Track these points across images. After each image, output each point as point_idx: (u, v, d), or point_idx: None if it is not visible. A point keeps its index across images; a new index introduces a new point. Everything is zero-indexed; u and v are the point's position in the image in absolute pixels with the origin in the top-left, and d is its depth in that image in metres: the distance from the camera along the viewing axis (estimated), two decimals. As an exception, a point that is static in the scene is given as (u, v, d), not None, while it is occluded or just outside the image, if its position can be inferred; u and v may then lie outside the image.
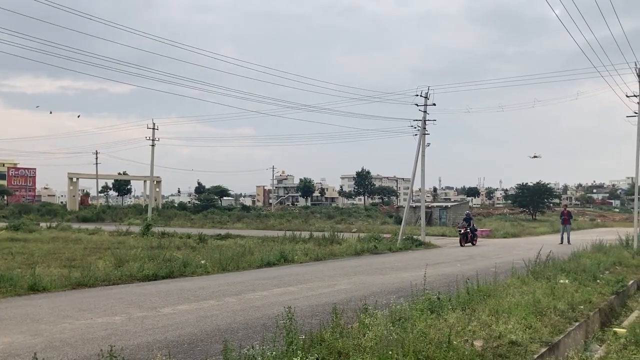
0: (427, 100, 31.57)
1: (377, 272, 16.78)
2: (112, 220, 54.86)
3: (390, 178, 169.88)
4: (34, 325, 8.82)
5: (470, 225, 30.35)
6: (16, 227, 34.07)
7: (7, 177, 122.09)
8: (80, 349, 7.32)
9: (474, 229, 30.77)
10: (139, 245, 22.72)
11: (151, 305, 10.66)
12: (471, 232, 30.22)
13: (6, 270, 14.06)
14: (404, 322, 7.74)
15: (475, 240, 30.38)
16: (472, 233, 30.27)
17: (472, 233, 30.31)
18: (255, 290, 12.82)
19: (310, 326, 7.80)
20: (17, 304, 10.90)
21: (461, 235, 29.85)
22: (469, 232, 30.01)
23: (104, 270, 14.83)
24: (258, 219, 58.31)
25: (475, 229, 31.38)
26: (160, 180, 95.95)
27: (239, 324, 8.98)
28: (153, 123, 53.95)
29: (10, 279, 12.62)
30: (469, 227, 30.14)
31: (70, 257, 18.76)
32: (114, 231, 33.73)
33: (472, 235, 30.22)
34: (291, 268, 18.13)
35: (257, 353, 5.97)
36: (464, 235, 29.78)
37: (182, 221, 53.73)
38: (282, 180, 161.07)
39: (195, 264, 16.85)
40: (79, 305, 10.69)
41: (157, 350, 6.91)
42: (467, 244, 29.58)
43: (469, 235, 30.02)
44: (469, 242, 29.86)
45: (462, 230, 30.09)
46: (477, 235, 31.00)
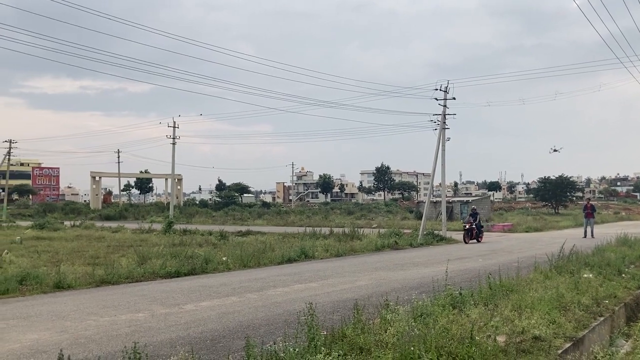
0: (447, 94, 31.33)
1: (398, 268, 16.72)
2: (135, 218, 55.52)
3: (410, 173, 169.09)
4: (59, 322, 8.96)
5: (476, 221, 28.66)
6: (41, 226, 34.70)
7: (32, 176, 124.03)
8: (104, 345, 7.42)
9: (479, 225, 29.03)
10: (161, 243, 22.96)
11: (174, 302, 10.76)
12: (477, 228, 28.54)
13: (32, 268, 14.32)
14: (426, 317, 7.71)
15: (480, 237, 28.65)
16: (477, 229, 28.57)
17: (478, 229, 28.63)
18: (277, 286, 12.87)
19: (332, 322, 7.81)
20: (43, 301, 11.09)
21: (465, 231, 28.21)
22: (474, 228, 28.32)
23: (127, 268, 15.00)
24: (278, 216, 58.51)
25: (482, 225, 29.75)
26: (181, 178, 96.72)
27: (261, 320, 9.02)
28: (174, 122, 54.42)
29: (36, 277, 12.85)
30: (474, 223, 28.46)
31: (94, 255, 19.01)
32: (136, 229, 34.13)
33: (477, 232, 28.50)
34: (312, 264, 18.16)
35: (279, 349, 5.99)
36: (468, 231, 28.10)
37: (204, 218, 54.20)
38: (302, 177, 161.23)
39: (216, 261, 16.97)
40: (103, 302, 10.83)
41: (180, 346, 6.98)
42: (471, 240, 27.92)
43: (474, 232, 28.32)
44: (474, 238, 28.14)
45: (466, 226, 28.42)
46: (482, 231, 29.39)
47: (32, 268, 14.36)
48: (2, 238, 26.67)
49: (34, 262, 16.39)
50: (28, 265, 15.47)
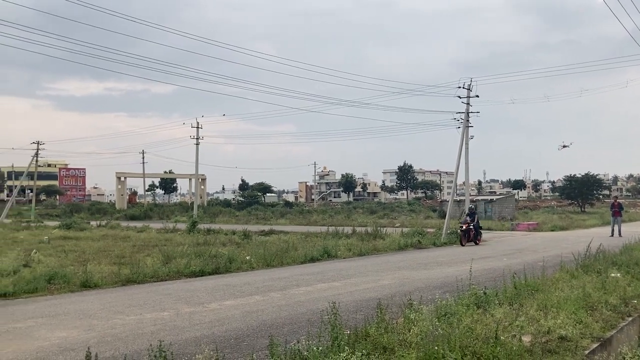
0: (470, 92, 31.07)
1: (421, 267, 16.64)
2: (159, 218, 56.12)
3: (434, 172, 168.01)
4: (86, 320, 9.11)
5: (474, 221, 26.36)
6: (68, 226, 35.27)
7: (59, 177, 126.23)
8: (131, 343, 7.52)
9: (477, 225, 26.77)
10: (185, 242, 23.17)
11: (198, 301, 10.86)
12: (474, 229, 26.27)
13: (60, 267, 14.58)
14: (450, 317, 7.67)
15: (479, 239, 26.54)
16: (475, 230, 26.31)
17: (476, 230, 26.38)
18: (300, 285, 12.90)
19: (355, 321, 7.81)
20: (71, 300, 11.28)
21: (462, 232, 25.94)
22: (472, 229, 26.03)
23: (152, 267, 15.18)
24: (301, 215, 58.60)
25: (480, 226, 27.59)
26: (205, 178, 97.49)
27: (284, 319, 9.05)
28: (197, 122, 54.83)
29: (64, 276, 13.08)
30: (472, 224, 26.16)
31: (120, 254, 19.27)
32: (161, 229, 34.50)
33: (475, 233, 26.22)
34: (334, 263, 18.16)
35: (302, 348, 6.01)
36: (465, 233, 25.82)
37: (227, 218, 54.53)
38: (324, 176, 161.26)
39: (240, 260, 17.08)
40: (129, 301, 10.98)
41: (205, 345, 7.03)
42: (468, 243, 25.77)
43: (472, 233, 26.02)
44: (472, 240, 25.99)
45: (463, 227, 26.07)
46: (481, 232, 27.33)
47: (59, 267, 14.62)
48: (30, 238, 27.19)
49: (61, 262, 16.68)
50: (56, 264, 15.75)
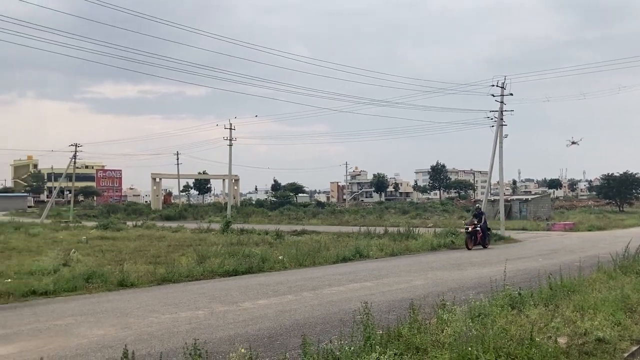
0: (504, 90, 30.66)
1: (454, 268, 16.49)
2: (194, 218, 56.83)
3: (467, 171, 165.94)
4: (123, 318, 9.31)
5: (481, 222, 24.21)
6: (105, 226, 36.01)
7: (96, 178, 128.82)
8: (166, 341, 7.66)
9: (485, 227, 24.57)
10: (219, 242, 23.43)
11: (232, 300, 10.98)
12: (482, 231, 24.09)
13: (97, 267, 14.91)
14: (484, 318, 7.59)
15: (487, 242, 24.49)
16: (483, 232, 24.16)
17: (483, 232, 24.19)
18: (332, 285, 12.93)
19: (388, 321, 7.80)
20: (108, 298, 11.54)
21: (467, 234, 23.75)
22: (479, 231, 23.94)
23: (187, 267, 15.40)
24: (333, 215, 58.61)
25: (489, 228, 25.41)
26: (238, 178, 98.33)
27: (317, 319, 9.09)
28: (230, 123, 55.35)
29: (101, 275, 13.38)
30: (479, 225, 24.07)
31: (155, 254, 19.59)
32: (195, 229, 34.94)
33: (482, 235, 24.10)
34: (366, 263, 18.14)
35: (335, 348, 6.04)
36: (471, 235, 23.67)
37: (260, 218, 54.89)
38: (356, 176, 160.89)
39: (273, 260, 17.20)
40: (164, 300, 11.17)
41: (239, 343, 7.12)
42: (475, 246, 23.71)
43: (479, 235, 23.97)
44: (479, 244, 23.91)
45: (469, 228, 23.89)
46: (489, 234, 25.29)
47: (97, 267, 14.94)
48: (69, 238, 27.86)
49: (99, 261, 17.05)
50: (94, 264, 16.10)
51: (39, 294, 11.76)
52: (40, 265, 14.85)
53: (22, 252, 20.50)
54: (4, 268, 15.29)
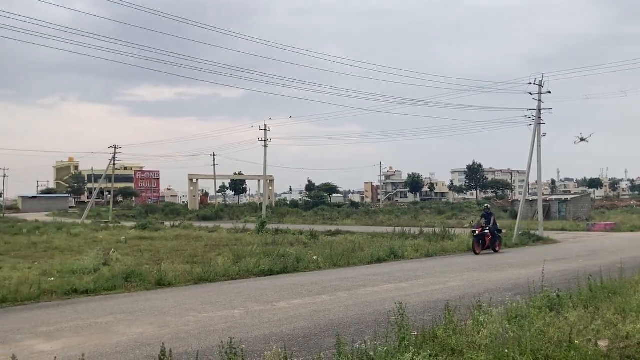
0: (542, 88, 30.06)
1: (491, 269, 16.27)
2: (230, 218, 57.44)
3: (504, 171, 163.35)
4: (161, 317, 9.49)
5: (490, 224, 21.98)
6: (143, 226, 36.70)
7: (135, 179, 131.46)
8: (203, 340, 7.77)
9: (495, 229, 22.35)
10: (254, 242, 23.62)
11: (267, 300, 11.07)
12: (491, 234, 21.87)
13: (136, 266, 15.20)
14: (521, 320, 7.47)
15: (498, 246, 22.33)
16: (492, 235, 21.93)
17: (493, 235, 21.97)
18: (366, 285, 12.91)
19: (423, 322, 7.74)
20: (146, 297, 11.76)
21: (475, 237, 21.63)
22: (488, 234, 21.76)
23: (223, 266, 15.58)
24: (367, 215, 58.46)
25: (500, 230, 23.16)
26: (273, 179, 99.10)
27: (351, 319, 9.10)
28: (265, 125, 55.76)
29: (140, 275, 13.64)
30: (487, 227, 21.84)
31: (192, 253, 19.88)
32: (231, 229, 35.31)
33: (492, 239, 21.93)
34: (401, 264, 18.04)
35: (369, 348, 6.03)
36: (479, 239, 21.54)
37: (294, 218, 55.15)
38: (390, 176, 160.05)
39: (307, 260, 17.26)
40: (201, 299, 11.33)
41: (274, 342, 7.17)
42: (484, 250, 21.62)
43: (488, 239, 21.76)
44: (488, 247, 21.81)
45: (476, 231, 21.74)
46: (500, 237, 22.99)
47: (136, 266, 15.24)
48: (109, 238, 28.49)
49: (137, 261, 17.39)
50: (132, 263, 16.43)
51: (80, 292, 12.06)
52: (81, 265, 15.23)
53: (64, 252, 21.08)
54: (48, 267, 15.76)
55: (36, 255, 20.10)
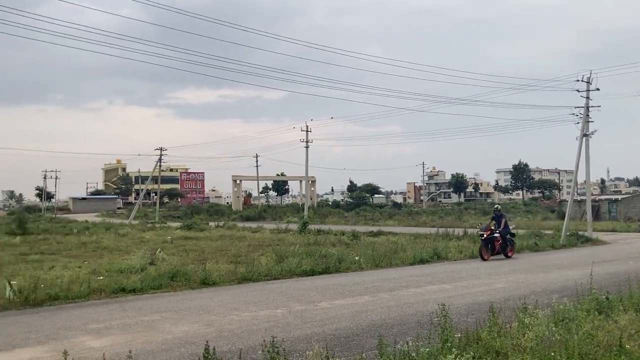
0: (590, 85, 29.23)
1: (537, 271, 15.92)
2: (272, 218, 57.90)
3: (551, 170, 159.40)
4: (205, 316, 9.65)
5: (500, 227, 19.87)
6: (189, 227, 37.39)
7: (180, 181, 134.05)
8: (246, 339, 7.87)
9: (507, 232, 20.14)
10: (297, 242, 23.76)
11: (309, 300, 11.12)
12: (502, 238, 19.73)
13: (181, 266, 15.50)
14: (568, 322, 7.29)
15: (510, 251, 20.10)
16: (503, 239, 19.77)
17: (504, 239, 19.80)
18: (409, 287, 12.82)
19: (466, 324, 7.65)
20: (191, 296, 11.97)
21: (482, 241, 19.43)
22: (497, 238, 19.60)
23: (266, 266, 15.74)
24: (409, 216, 58.02)
25: (513, 233, 20.86)
26: (314, 179, 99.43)
27: (393, 320, 9.05)
28: (306, 126, 56.09)
29: (185, 274, 13.89)
30: (498, 230, 19.77)
31: (236, 253, 20.13)
32: (274, 229, 35.60)
33: (503, 243, 19.76)
34: (444, 265, 17.83)
35: (411, 349, 5.99)
36: (487, 243, 19.37)
37: (336, 219, 55.18)
38: (433, 177, 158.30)
39: (349, 260, 17.25)
40: (244, 298, 11.47)
41: (315, 342, 7.20)
42: (494, 256, 19.50)
43: (498, 243, 19.59)
44: (498, 253, 19.66)
45: (484, 235, 19.44)
46: (513, 241, 20.73)
47: (181, 266, 15.53)
48: (155, 238, 29.14)
49: (183, 260, 17.73)
50: (178, 263, 16.76)
51: (127, 291, 12.36)
52: (128, 264, 15.63)
53: (112, 252, 21.68)
54: (97, 266, 16.25)
55: (86, 254, 20.74)
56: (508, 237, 20.10)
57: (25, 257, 19.50)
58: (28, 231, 33.08)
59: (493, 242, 19.45)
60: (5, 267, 16.48)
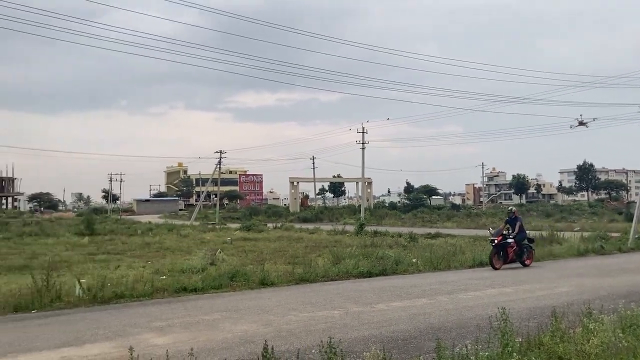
0: (660, 81, 27.90)
1: (603, 275, 15.34)
2: (329, 220, 58.12)
3: (619, 171, 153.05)
4: (264, 315, 9.80)
5: (515, 232, 17.56)
6: (248, 228, 38.07)
7: (239, 183, 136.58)
8: (304, 339, 7.96)
9: (523, 237, 17.84)
10: (353, 244, 23.77)
11: (366, 301, 11.12)
12: (517, 244, 17.45)
13: (240, 266, 15.79)
14: (636, 329, 7.01)
15: (528, 259, 17.85)
16: (518, 245, 17.49)
17: (519, 245, 17.52)
18: (468, 290, 12.61)
19: (527, 329, 7.46)
20: (250, 296, 12.19)
21: (494, 248, 17.21)
22: (511, 244, 17.32)
23: (323, 267, 15.82)
24: (468, 218, 56.99)
25: (531, 239, 18.39)
26: (371, 181, 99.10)
27: (452, 324, 8.94)
28: (362, 127, 56.10)
29: (244, 274, 14.15)
30: (511, 234, 17.50)
31: (294, 254, 20.34)
32: (330, 230, 35.74)
33: (518, 250, 17.52)
34: (505, 268, 17.42)
35: (470, 352, 5.91)
36: (499, 249, 17.18)
37: (393, 220, 54.82)
38: (493, 178, 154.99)
39: (406, 262, 17.12)
40: (302, 299, 11.58)
41: (373, 344, 7.20)
42: (507, 264, 17.27)
43: (511, 250, 17.31)
44: (512, 260, 17.38)
45: (495, 240, 17.22)
46: (532, 247, 18.27)
47: (240, 266, 15.82)
48: (215, 239, 29.82)
49: (242, 261, 18.06)
50: (237, 263, 17.08)
51: (189, 290, 12.70)
52: (190, 264, 16.06)
53: (174, 252, 22.35)
54: (160, 266, 16.79)
55: (149, 254, 21.45)
56: (525, 243, 17.93)
57: (93, 256, 20.38)
58: (95, 232, 34.54)
59: (506, 248, 17.30)
60: (75, 266, 17.28)
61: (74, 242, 27.50)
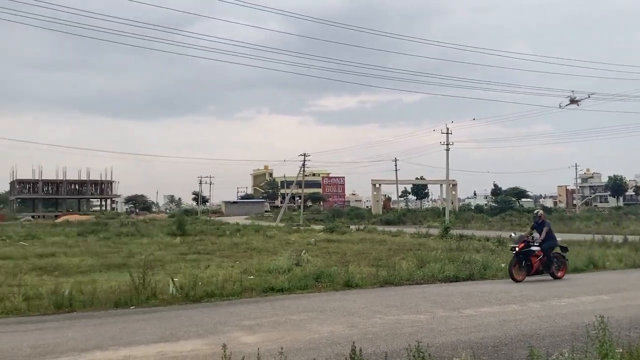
0: None
1: None
2: (412, 222, 57.53)
3: None
4: (349, 317, 9.84)
5: (542, 238, 15.21)
6: (331, 230, 38.38)
7: (322, 185, 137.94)
8: (389, 342, 7.92)
9: (551, 245, 15.32)
10: (438, 247, 23.36)
11: (453, 306, 10.90)
12: (544, 253, 15.02)
13: (325, 267, 15.92)
14: None
15: (561, 270, 15.40)
16: (545, 254, 15.05)
17: (546, 254, 15.08)
18: (561, 296, 12.08)
19: (629, 339, 7.05)
20: (335, 297, 12.27)
21: (515, 257, 14.96)
22: (537, 253, 15.00)
23: (407, 270, 15.66)
24: (561, 221, 54.51)
25: (564, 247, 15.88)
26: (455, 183, 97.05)
27: (545, 331, 8.59)
28: (447, 128, 55.14)
29: (329, 275, 14.26)
30: (536, 241, 15.18)
31: (377, 257, 20.27)
32: (414, 233, 35.31)
33: (546, 259, 15.09)
34: (602, 274, 16.55)
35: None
36: (520, 258, 14.92)
37: (479, 224, 53.41)
38: (587, 179, 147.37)
39: (495, 267, 16.62)
40: (386, 301, 11.52)
41: (462, 350, 7.07)
42: (531, 275, 14.96)
43: (536, 260, 14.95)
44: (536, 273, 15.00)
45: (516, 248, 14.94)
46: (565, 257, 15.70)
47: (325, 267, 15.93)
48: (300, 240, 30.27)
49: (326, 262, 18.20)
50: (322, 264, 17.22)
51: (276, 290, 12.96)
52: (276, 265, 16.39)
53: (261, 252, 22.88)
54: (247, 266, 17.25)
55: (237, 255, 22.09)
56: (556, 252, 15.51)
57: (185, 256, 21.25)
58: (186, 232, 36.01)
59: (528, 258, 14.96)
60: (168, 265, 18.08)
61: (166, 242, 28.79)
